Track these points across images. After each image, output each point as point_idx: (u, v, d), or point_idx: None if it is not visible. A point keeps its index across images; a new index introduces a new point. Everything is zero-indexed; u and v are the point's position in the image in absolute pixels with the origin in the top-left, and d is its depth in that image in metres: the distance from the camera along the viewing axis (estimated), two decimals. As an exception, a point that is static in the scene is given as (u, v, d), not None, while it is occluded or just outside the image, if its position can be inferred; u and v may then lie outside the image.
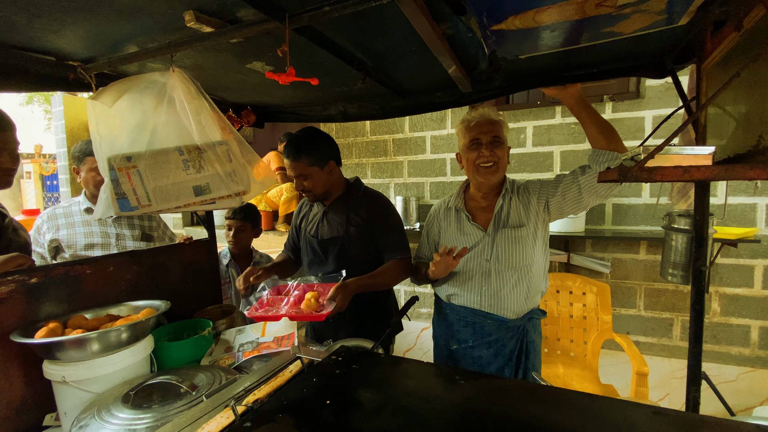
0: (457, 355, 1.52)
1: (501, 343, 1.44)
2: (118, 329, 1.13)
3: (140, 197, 1.06)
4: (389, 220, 1.70)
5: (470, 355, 1.48)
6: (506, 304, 1.43)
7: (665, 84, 2.34)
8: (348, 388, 0.84)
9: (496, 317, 1.45)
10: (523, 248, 1.41)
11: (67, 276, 1.32)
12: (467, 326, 1.48)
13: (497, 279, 1.43)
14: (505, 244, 1.43)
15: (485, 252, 1.46)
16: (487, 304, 1.45)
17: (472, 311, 1.48)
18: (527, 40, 1.15)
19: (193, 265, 1.74)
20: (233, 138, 1.19)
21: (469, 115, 1.49)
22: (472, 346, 1.47)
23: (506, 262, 1.42)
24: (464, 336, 1.50)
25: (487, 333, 1.44)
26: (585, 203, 1.35)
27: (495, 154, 1.43)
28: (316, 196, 1.70)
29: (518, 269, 1.42)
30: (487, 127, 1.45)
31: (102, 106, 1.08)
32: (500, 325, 1.44)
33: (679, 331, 2.45)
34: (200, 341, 1.41)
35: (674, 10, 1.01)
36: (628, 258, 2.51)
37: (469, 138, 1.47)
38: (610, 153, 1.28)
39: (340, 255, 1.68)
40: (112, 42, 1.16)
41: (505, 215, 1.47)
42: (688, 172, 0.66)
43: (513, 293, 1.42)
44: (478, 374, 0.94)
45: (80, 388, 1.09)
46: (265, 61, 1.32)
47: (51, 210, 1.83)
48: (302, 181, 1.63)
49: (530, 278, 1.44)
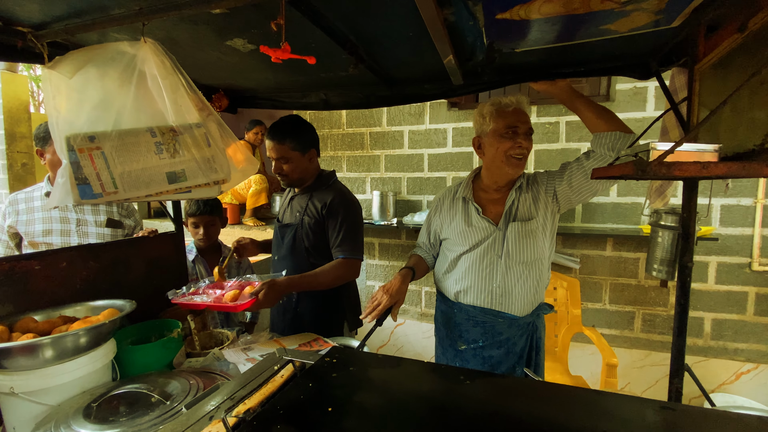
0: (465, 355, 1.45)
1: (512, 342, 1.40)
2: (75, 333, 0.99)
3: (105, 183, 0.93)
4: (342, 217, 1.65)
5: (480, 355, 1.42)
6: (517, 302, 1.38)
7: (634, 88, 2.44)
8: (348, 393, 0.78)
9: (508, 316, 1.39)
10: (533, 242, 1.36)
11: (12, 272, 1.16)
12: (477, 326, 1.41)
13: (508, 276, 1.37)
14: (515, 238, 1.36)
15: (496, 248, 1.39)
16: (498, 303, 1.38)
17: (482, 310, 1.41)
18: (526, 33, 1.13)
19: (158, 260, 1.59)
20: (213, 120, 1.08)
21: (505, 99, 1.37)
22: (482, 346, 1.41)
23: (517, 257, 1.36)
24: (474, 336, 1.43)
25: (498, 332, 1.39)
26: (593, 189, 1.31)
27: (528, 147, 1.35)
28: (291, 181, 1.71)
29: (529, 264, 1.37)
30: (524, 116, 1.35)
31: (60, 77, 0.93)
32: (511, 324, 1.39)
33: (639, 324, 2.58)
34: (169, 344, 1.29)
35: (671, 10, 1.02)
36: (596, 254, 2.61)
37: (504, 124, 1.34)
38: (613, 133, 1.26)
39: (294, 242, 1.70)
40: (72, 5, 1.01)
41: (516, 209, 1.40)
42: (707, 168, 0.66)
43: (523, 290, 1.37)
44: (485, 374, 0.91)
45: (32, 400, 0.95)
46: (248, 39, 1.21)
47: (14, 195, 1.78)
48: (282, 164, 1.65)
49: (540, 272, 1.40)
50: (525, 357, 1.43)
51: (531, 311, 1.43)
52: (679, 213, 1.08)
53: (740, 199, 2.35)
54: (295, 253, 1.71)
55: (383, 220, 2.83)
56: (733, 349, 2.47)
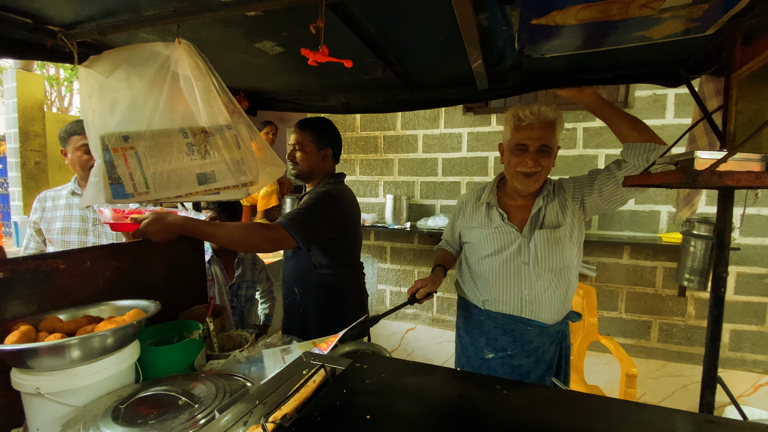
0: (493, 364, 1.42)
1: (541, 350, 1.38)
2: (103, 334, 0.99)
3: (137, 183, 0.93)
4: (309, 200, 1.59)
5: (509, 363, 1.39)
6: (546, 309, 1.36)
7: (653, 95, 2.42)
8: (384, 401, 0.76)
9: (537, 324, 1.37)
10: (561, 249, 1.35)
11: (38, 271, 1.15)
12: (506, 334, 1.39)
13: (537, 283, 1.35)
14: (543, 245, 1.35)
15: (522, 254, 1.37)
16: (528, 310, 1.36)
17: (511, 318, 1.38)
18: (558, 38, 1.12)
19: (178, 260, 1.59)
20: (242, 122, 1.07)
21: (523, 111, 1.32)
22: (511, 354, 1.38)
23: (545, 264, 1.34)
24: (503, 344, 1.39)
25: (527, 341, 1.37)
26: (624, 198, 1.30)
27: (539, 163, 1.30)
28: (300, 172, 1.73)
29: (557, 272, 1.36)
30: (537, 133, 1.29)
31: (97, 76, 0.93)
32: (541, 332, 1.38)
33: (656, 334, 2.55)
34: (190, 345, 1.28)
35: (708, 18, 1.01)
36: (612, 262, 2.58)
37: (515, 140, 1.32)
38: (646, 144, 1.25)
39: None
40: (105, 5, 1.01)
41: (542, 216, 1.39)
42: (760, 178, 0.64)
43: (553, 297, 1.36)
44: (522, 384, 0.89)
45: (57, 401, 0.95)
46: (276, 41, 1.21)
47: (44, 193, 1.84)
48: (296, 151, 1.70)
49: (569, 279, 1.38)
50: (554, 366, 1.41)
51: (560, 319, 1.41)
52: (711, 222, 1.05)
53: (761, 209, 2.32)
54: (298, 253, 1.72)
55: (396, 224, 2.82)
56: (751, 360, 2.42)
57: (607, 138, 2.53)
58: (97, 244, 1.77)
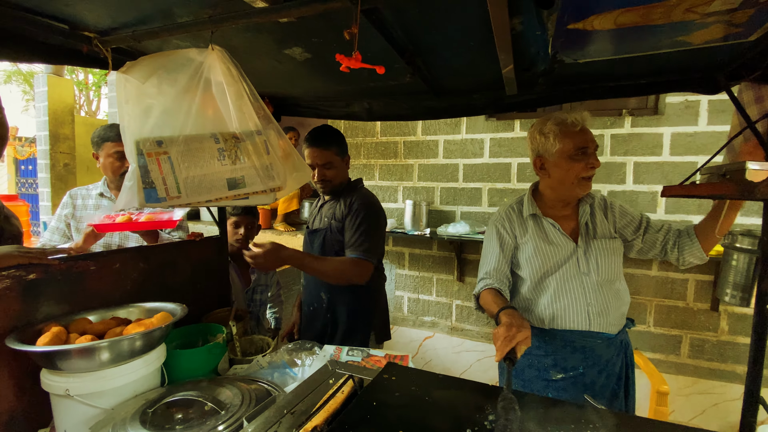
0: (562, 384, 1.32)
1: (611, 363, 1.31)
2: (132, 337, 0.99)
3: (170, 188, 0.93)
4: (360, 219, 1.62)
5: (581, 382, 1.30)
6: (612, 320, 1.30)
7: (685, 102, 2.34)
8: (417, 415, 0.74)
9: (605, 336, 1.31)
10: (617, 259, 1.33)
11: (69, 272, 1.18)
12: (576, 351, 1.30)
13: (601, 293, 1.30)
14: (602, 255, 1.31)
15: (581, 265, 1.32)
16: (596, 323, 1.29)
17: (581, 333, 1.30)
18: (595, 43, 1.09)
19: (202, 263, 1.60)
20: (272, 128, 1.08)
21: (570, 117, 1.29)
22: (582, 372, 1.29)
23: (605, 274, 1.31)
24: (574, 363, 1.31)
25: (598, 355, 1.30)
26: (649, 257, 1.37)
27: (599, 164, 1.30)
28: (333, 187, 1.71)
29: (615, 281, 1.33)
30: (591, 134, 1.29)
31: (134, 82, 0.95)
32: (609, 344, 1.31)
33: (687, 349, 2.44)
34: (214, 349, 1.29)
35: (753, 23, 0.97)
36: (640, 273, 2.49)
37: (573, 145, 1.27)
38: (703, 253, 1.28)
39: (323, 247, 1.70)
40: (141, 11, 1.03)
41: (592, 225, 1.36)
42: (826, 192, 0.60)
43: (615, 306, 1.31)
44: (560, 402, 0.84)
45: (86, 402, 0.95)
46: (304, 47, 1.21)
47: (75, 189, 1.90)
48: (325, 170, 1.66)
49: (625, 289, 1.36)
50: (623, 377, 1.34)
51: (622, 328, 1.36)
52: (755, 235, 1.00)
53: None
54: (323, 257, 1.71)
55: (416, 230, 2.79)
56: (789, 379, 2.30)
57: (636, 145, 2.46)
58: (123, 246, 1.79)
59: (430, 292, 3.04)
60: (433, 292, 3.03)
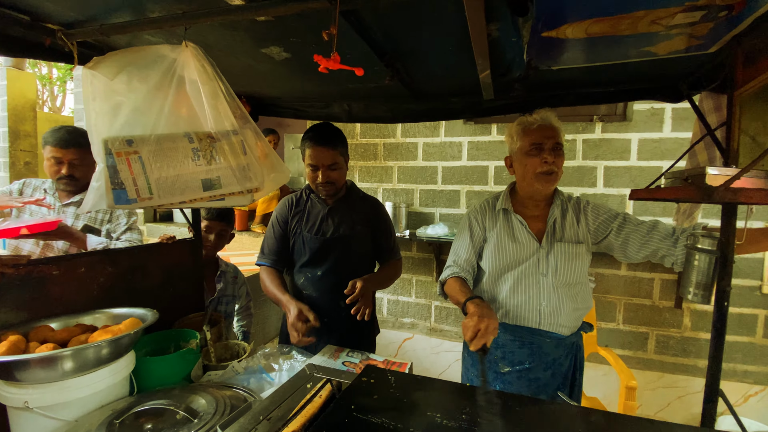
0: (508, 377, 1.38)
1: (558, 363, 1.36)
2: (98, 345, 0.95)
3: (140, 189, 0.89)
4: (389, 224, 1.78)
5: (526, 377, 1.36)
6: (564, 321, 1.34)
7: (651, 109, 2.45)
8: (396, 419, 0.74)
9: (555, 335, 1.35)
10: (580, 264, 1.35)
11: (29, 277, 1.11)
12: (524, 346, 1.36)
13: (555, 295, 1.33)
14: (563, 258, 1.34)
15: (541, 266, 1.36)
16: (546, 323, 1.33)
17: (529, 330, 1.35)
18: (567, 51, 1.13)
19: (176, 267, 1.55)
20: (249, 128, 1.05)
21: (530, 117, 1.35)
22: (529, 367, 1.35)
23: (564, 277, 1.34)
24: (520, 357, 1.36)
25: (545, 353, 1.35)
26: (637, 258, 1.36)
27: (556, 162, 1.32)
28: (337, 190, 1.64)
29: (573, 285, 1.35)
30: (549, 132, 1.32)
31: (101, 78, 0.90)
32: (558, 344, 1.36)
33: (653, 345, 2.55)
34: (187, 355, 1.24)
35: (713, 36, 1.03)
36: (610, 273, 2.59)
37: (529, 142, 1.33)
38: None
39: (345, 253, 1.64)
40: (110, 5, 0.99)
41: (559, 227, 1.38)
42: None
43: (570, 309, 1.34)
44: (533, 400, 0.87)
45: (47, 415, 0.90)
46: (283, 47, 1.20)
47: (31, 179, 1.81)
48: (330, 172, 1.56)
49: (585, 292, 1.38)
50: (569, 378, 1.39)
51: (575, 330, 1.40)
52: (716, 237, 1.06)
53: (752, 223, 2.35)
54: (342, 264, 1.61)
55: (396, 231, 2.80)
56: (742, 371, 2.44)
57: (606, 150, 2.56)
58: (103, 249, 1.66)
59: (409, 294, 3.05)
60: (412, 294, 3.04)
